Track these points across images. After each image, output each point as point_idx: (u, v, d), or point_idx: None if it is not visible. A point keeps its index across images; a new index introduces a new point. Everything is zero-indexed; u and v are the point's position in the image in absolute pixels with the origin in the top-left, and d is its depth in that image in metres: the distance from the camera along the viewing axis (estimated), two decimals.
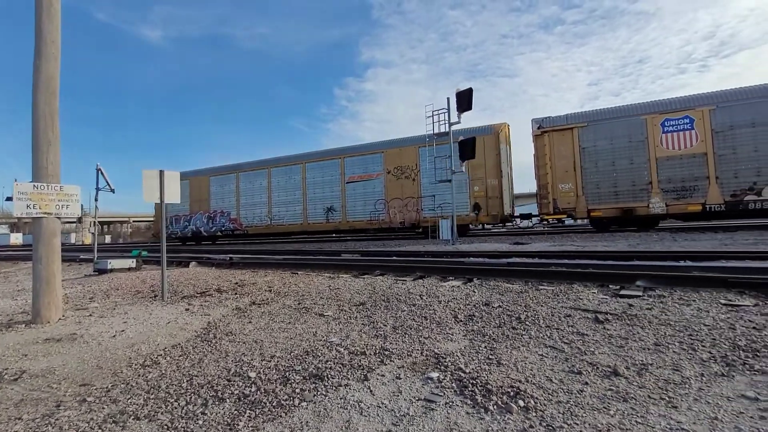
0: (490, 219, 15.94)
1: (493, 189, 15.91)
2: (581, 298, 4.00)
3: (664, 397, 1.96)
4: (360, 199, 18.59)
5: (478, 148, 15.79)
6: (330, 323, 3.73)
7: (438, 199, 16.63)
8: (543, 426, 1.76)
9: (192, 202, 23.57)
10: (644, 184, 13.14)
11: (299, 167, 20.38)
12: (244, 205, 21.84)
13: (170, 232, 23.70)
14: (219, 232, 22.53)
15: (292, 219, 20.38)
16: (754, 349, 2.46)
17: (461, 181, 15.91)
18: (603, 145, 13.72)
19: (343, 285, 5.56)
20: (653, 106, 13.25)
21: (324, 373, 2.49)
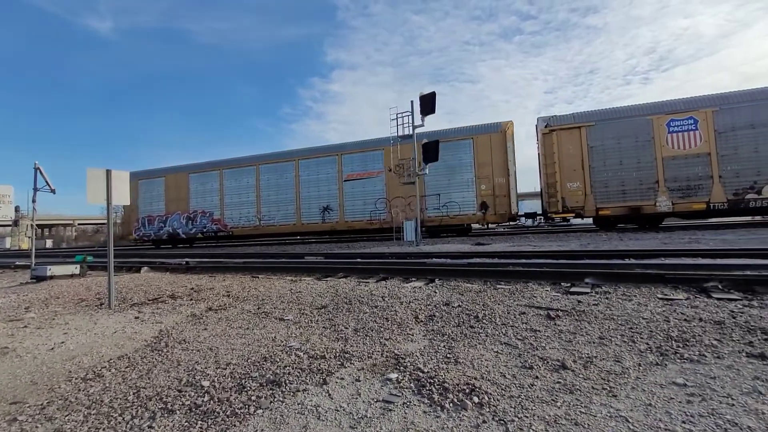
0: (498, 218, 15.67)
1: (501, 188, 15.52)
2: (535, 296, 4.19)
3: (606, 387, 2.09)
4: (359, 198, 17.60)
5: (485, 146, 15.87)
6: (290, 327, 3.66)
7: (443, 198, 16.20)
8: (495, 420, 1.83)
9: (168, 201, 21.68)
10: (651, 183, 13.35)
11: (292, 164, 19.09)
12: (229, 205, 20.30)
13: (142, 234, 21.96)
14: (200, 233, 20.82)
15: (284, 219, 19.12)
16: (684, 339, 2.68)
17: (468, 180, 15.72)
18: (611, 144, 13.82)
19: (305, 288, 5.48)
20: (659, 107, 13.59)
21: (282, 379, 2.44)
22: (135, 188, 22.48)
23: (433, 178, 16.13)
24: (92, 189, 4.95)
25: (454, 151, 16.12)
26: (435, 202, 16.41)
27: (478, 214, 15.75)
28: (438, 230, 16.52)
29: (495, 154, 15.61)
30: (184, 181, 21.49)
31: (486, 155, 15.35)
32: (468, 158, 15.98)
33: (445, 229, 16.53)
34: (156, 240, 22.10)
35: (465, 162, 15.99)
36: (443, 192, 16.19)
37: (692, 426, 1.69)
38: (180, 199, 21.44)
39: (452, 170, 16.19)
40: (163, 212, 21.81)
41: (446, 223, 16.29)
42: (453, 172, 16.18)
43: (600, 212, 14.01)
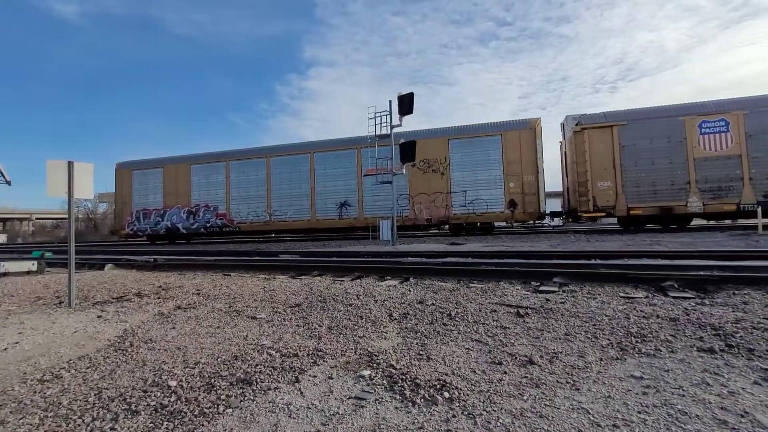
0: (527, 216, 15.28)
1: (530, 185, 15.12)
2: (506, 294, 4.31)
3: (569, 381, 2.18)
4: (380, 193, 16.49)
5: (514, 143, 15.38)
6: (263, 326, 3.61)
7: (470, 195, 15.66)
8: (464, 414, 1.87)
9: (166, 194, 20.09)
10: (683, 183, 13.37)
11: (306, 157, 17.99)
12: (236, 199, 18.96)
13: (137, 229, 20.35)
14: (203, 229, 19.39)
15: (297, 215, 18.02)
16: (643, 335, 2.83)
17: (496, 177, 15.38)
18: (643, 144, 13.73)
19: (279, 286, 5.40)
20: (691, 108, 13.65)
21: (253, 378, 2.40)
22: (128, 179, 21.12)
23: (460, 175, 15.77)
24: (52, 181, 4.69)
25: (482, 147, 15.71)
26: (461, 199, 15.81)
27: (506, 212, 15.33)
28: (463, 229, 16.02)
29: (524, 151, 15.21)
30: (186, 172, 19.92)
31: (515, 152, 15.04)
32: (496, 155, 15.55)
33: (470, 227, 16.03)
34: (152, 235, 20.50)
35: (493, 158, 15.58)
36: (470, 189, 15.69)
37: (647, 416, 1.79)
38: (180, 192, 19.89)
39: (480, 167, 15.72)
40: (160, 205, 20.19)
41: (472, 221, 15.79)
42: (480, 169, 15.71)
43: (631, 212, 13.85)
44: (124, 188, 21.13)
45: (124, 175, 21.23)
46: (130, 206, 20.82)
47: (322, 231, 18.64)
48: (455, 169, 15.90)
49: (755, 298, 3.66)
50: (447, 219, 15.94)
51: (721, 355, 2.45)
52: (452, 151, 16.00)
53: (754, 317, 3.10)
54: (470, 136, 15.50)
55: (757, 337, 2.69)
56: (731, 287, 4.07)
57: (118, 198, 21.45)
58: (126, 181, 21.12)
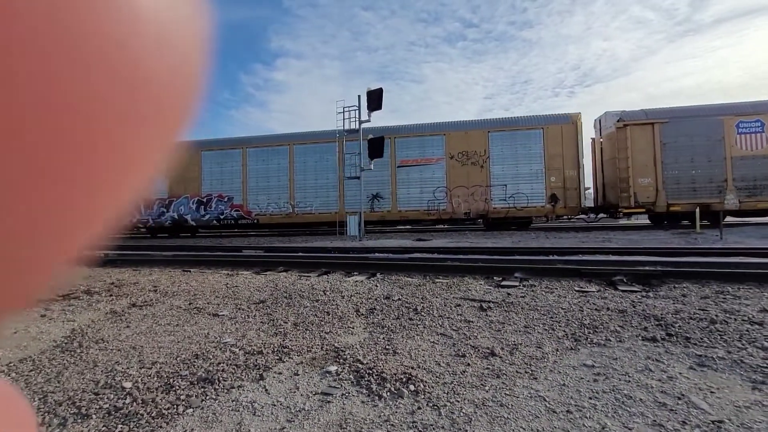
0: (568, 211, 15.19)
1: (572, 180, 14.93)
2: (470, 289, 4.44)
3: (528, 371, 2.29)
4: (415, 185, 15.91)
5: (556, 137, 14.90)
6: (225, 323, 3.50)
7: (510, 189, 15.30)
8: (429, 406, 1.92)
9: (173, 182, 17.79)
10: (720, 181, 13.69)
11: (334, 146, 16.51)
12: (254, 189, 17.34)
13: (136, 221, 18.01)
14: (215, 221, 17.67)
15: (323, 207, 16.74)
16: (594, 326, 3.02)
17: (537, 171, 15.13)
18: (683, 141, 13.89)
19: (243, 282, 5.26)
20: (729, 108, 14.00)
21: (215, 376, 2.33)
22: None
23: (500, 168, 15.43)
24: None
25: (523, 141, 15.40)
26: (501, 193, 15.41)
27: (548, 206, 15.07)
28: (502, 223, 15.72)
29: (566, 145, 15.00)
30: (195, 159, 17.90)
31: (557, 146, 14.86)
32: (538, 149, 15.26)
33: (509, 221, 15.71)
34: (154, 227, 18.37)
35: (534, 152, 15.30)
36: (510, 183, 15.33)
37: (596, 401, 1.92)
38: (189, 180, 17.78)
39: (521, 160, 15.42)
40: (165, 195, 17.97)
41: (513, 215, 15.47)
42: (521, 163, 15.41)
43: (671, 208, 14.03)
44: None
45: None
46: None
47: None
48: (495, 162, 15.53)
49: (692, 291, 4.00)
50: (487, 213, 15.55)
51: (662, 343, 2.66)
52: (492, 143, 15.57)
53: (691, 308, 3.39)
54: (511, 128, 15.25)
55: (693, 326, 2.94)
56: (672, 281, 4.43)
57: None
58: None
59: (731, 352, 2.47)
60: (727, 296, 3.77)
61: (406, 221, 16.73)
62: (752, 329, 2.83)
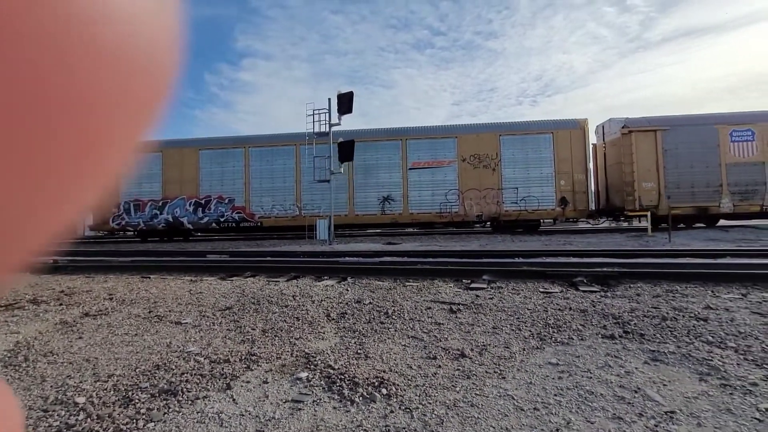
0: (578, 214, 15.62)
1: (580, 184, 15.38)
2: (440, 292, 4.50)
3: (497, 371, 2.35)
4: (427, 188, 15.81)
5: (565, 142, 15.29)
6: (189, 331, 3.35)
7: (522, 192, 15.55)
8: (402, 409, 1.92)
9: (167, 182, 16.87)
10: (716, 186, 14.63)
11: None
12: (258, 190, 16.58)
13: (125, 224, 16.82)
14: (214, 224, 16.73)
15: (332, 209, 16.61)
16: (558, 326, 3.15)
17: (548, 174, 15.47)
18: (683, 148, 14.72)
19: (207, 288, 5.06)
20: (724, 118, 15.02)
21: (178, 388, 2.23)
22: None
23: (511, 171, 15.66)
24: None
25: (534, 145, 15.72)
26: (512, 196, 15.62)
27: (558, 209, 15.42)
28: (513, 225, 15.97)
29: (575, 150, 15.42)
30: (193, 158, 16.99)
31: (566, 151, 15.28)
32: (548, 153, 15.61)
33: (519, 224, 15.95)
34: (146, 231, 17.17)
35: (545, 156, 15.64)
36: (521, 186, 15.56)
37: (561, 397, 1.99)
38: (186, 181, 16.85)
39: (531, 164, 15.71)
40: (158, 196, 16.91)
41: (524, 218, 15.73)
42: (532, 166, 15.69)
43: (672, 211, 14.56)
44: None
45: None
46: (117, 196, 16.87)
47: (361, 227, 17.35)
48: (506, 165, 15.75)
49: (646, 290, 4.26)
50: (498, 215, 15.72)
51: (620, 340, 2.81)
52: (503, 147, 15.78)
53: (645, 306, 3.61)
54: (522, 133, 15.60)
55: (647, 323, 3.13)
56: (628, 281, 4.70)
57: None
58: None
59: (680, 346, 2.65)
60: (676, 295, 4.05)
61: (418, 224, 16.66)
62: (698, 325, 3.05)
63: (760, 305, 3.56)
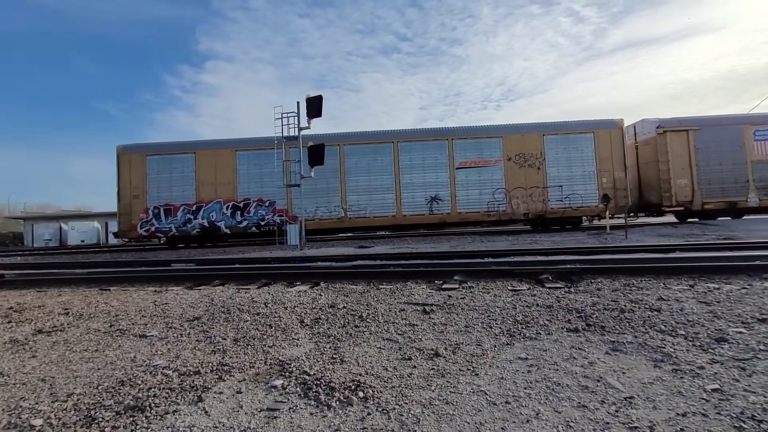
0: (619, 210, 16.17)
1: (620, 181, 16.15)
2: (413, 294, 4.56)
3: (470, 368, 2.42)
4: (474, 187, 16.12)
5: (605, 141, 16.06)
6: (155, 344, 3.22)
7: (566, 190, 16.10)
8: (379, 411, 1.94)
9: (201, 185, 16.19)
10: (743, 182, 15.87)
11: (389, 146, 16.31)
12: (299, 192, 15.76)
13: (156, 229, 16.03)
14: (255, 227, 16.06)
15: (379, 210, 16.13)
16: (526, 322, 3.28)
17: (590, 172, 16.10)
18: (712, 147, 15.81)
19: (173, 299, 4.87)
20: (747, 119, 16.35)
21: (145, 403, 2.13)
22: (140, 167, 16.15)
23: (555, 170, 16.16)
24: None
25: (576, 144, 16.32)
26: (558, 194, 16.16)
27: (600, 206, 15.97)
28: (557, 222, 16.51)
29: (614, 148, 16.20)
30: (229, 160, 16.28)
31: (606, 150, 16.00)
32: (589, 152, 16.27)
33: (564, 221, 16.52)
34: (177, 237, 16.35)
35: (586, 155, 16.28)
36: (566, 184, 16.14)
37: (531, 390, 2.08)
38: (221, 184, 16.13)
39: (574, 163, 16.29)
40: (192, 200, 16.17)
41: (569, 215, 16.33)
42: (575, 165, 16.29)
43: (705, 206, 15.88)
44: (134, 178, 16.28)
45: (133, 161, 16.32)
46: (145, 201, 16.21)
47: (408, 228, 17.35)
48: (550, 164, 16.29)
49: (606, 285, 4.51)
50: (544, 213, 16.21)
51: (583, 333, 2.97)
52: (547, 146, 16.32)
53: (605, 300, 3.83)
54: (564, 132, 16.17)
55: (607, 316, 3.32)
56: (589, 277, 4.95)
57: (124, 190, 16.30)
58: (137, 169, 16.27)
59: (637, 336, 2.83)
60: (632, 288, 4.31)
61: (466, 223, 16.94)
62: (652, 316, 3.27)
63: (706, 295, 3.87)
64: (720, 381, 2.08)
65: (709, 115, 17.51)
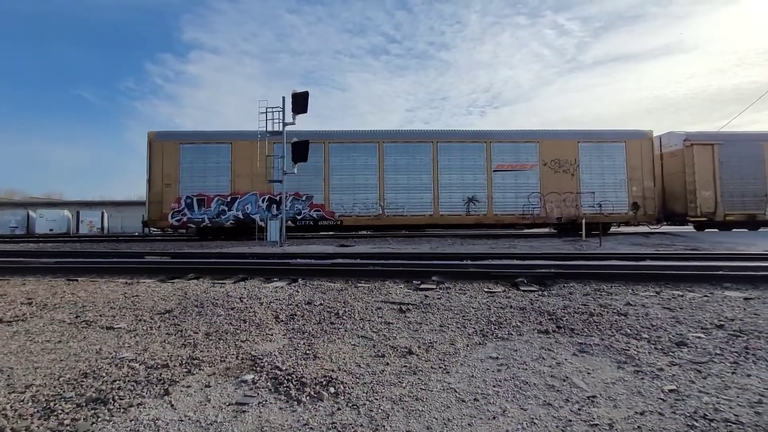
0: (648, 218, 16.74)
1: (649, 190, 16.62)
2: (391, 293, 4.58)
3: (441, 366, 2.45)
4: (510, 190, 16.41)
5: (636, 150, 16.61)
6: (122, 337, 3.13)
7: (598, 197, 16.54)
8: (349, 406, 1.95)
9: (237, 176, 15.81)
10: (762, 195, 16.52)
11: (428, 146, 16.42)
12: (338, 188, 16.05)
13: (187, 220, 15.52)
14: (290, 222, 15.68)
15: (416, 209, 16.23)
16: (500, 323, 3.34)
17: (621, 180, 16.56)
18: (735, 161, 16.38)
19: (145, 291, 4.74)
20: (766, 137, 17.14)
21: (109, 396, 2.07)
22: (173, 155, 15.63)
23: (588, 176, 16.60)
24: None
25: (609, 152, 16.73)
26: (590, 200, 16.55)
27: (630, 213, 16.51)
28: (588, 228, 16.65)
29: (644, 159, 16.69)
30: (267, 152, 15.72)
31: (637, 159, 16.50)
32: (621, 161, 16.69)
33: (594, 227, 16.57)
34: (209, 228, 15.82)
35: (618, 164, 16.70)
36: (598, 190, 16.55)
37: (499, 388, 2.13)
38: (257, 175, 15.61)
39: (606, 170, 16.69)
40: (227, 191, 15.79)
41: (600, 221, 16.34)
42: (607, 172, 16.68)
43: (726, 218, 16.36)
44: (166, 166, 15.74)
45: (166, 149, 15.77)
46: (177, 190, 15.68)
47: (445, 227, 17.52)
48: (584, 171, 16.69)
49: (577, 289, 4.64)
50: (577, 218, 16.38)
51: (553, 335, 3.05)
52: (582, 153, 16.71)
53: (576, 304, 3.94)
54: (597, 140, 16.65)
55: (577, 319, 3.42)
56: (562, 281, 5.08)
57: (155, 178, 15.71)
58: (170, 158, 15.74)
59: (604, 339, 2.93)
60: (602, 293, 4.46)
61: (501, 225, 17.19)
62: (619, 320, 3.39)
63: (670, 301, 4.03)
64: (677, 382, 2.17)
65: (732, 131, 18.62)
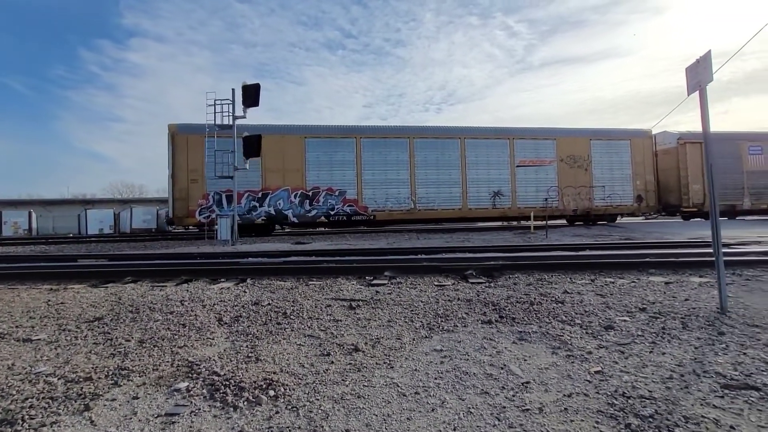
0: (650, 209, 18.57)
1: (650, 184, 18.38)
2: (342, 289, 4.54)
3: (386, 362, 2.45)
4: (532, 184, 17.52)
5: (639, 147, 18.28)
6: (41, 349, 2.84)
7: (608, 190, 18.00)
8: (288, 409, 1.89)
9: (268, 171, 15.37)
10: (740, 188, 18.65)
11: (456, 142, 17.04)
12: (370, 183, 16.14)
13: (216, 216, 14.27)
14: (324, 217, 15.68)
15: (446, 203, 16.76)
16: (446, 315, 3.42)
17: (627, 175, 18.18)
18: (718, 158, 17.06)
19: (72, 298, 4.35)
20: (743, 136, 19.30)
21: (18, 416, 1.87)
22: (198, 149, 14.72)
23: (599, 171, 18.04)
24: None
25: (616, 149, 18.28)
26: (601, 193, 17.97)
27: (635, 205, 18.24)
28: (597, 219, 18.48)
29: (646, 155, 18.46)
30: (297, 147, 15.78)
31: (640, 155, 18.20)
32: (626, 157, 18.28)
33: (605, 218, 18.56)
34: (241, 225, 14.44)
35: (624, 159, 18.25)
36: (608, 184, 17.99)
37: (440, 380, 2.17)
38: (289, 171, 15.56)
39: (615, 165, 18.19)
40: (257, 186, 15.29)
41: (609, 213, 18.29)
42: (615, 168, 18.18)
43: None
44: (191, 160, 14.87)
45: (191, 142, 14.79)
46: (203, 185, 14.88)
47: (473, 220, 18.36)
48: (596, 166, 18.08)
49: (521, 280, 4.86)
50: (590, 210, 18.02)
51: (495, 324, 3.17)
52: (593, 150, 18.09)
53: (519, 294, 4.12)
54: (607, 138, 18.16)
55: (519, 308, 3.58)
56: (509, 272, 5.31)
57: (179, 173, 14.75)
58: (195, 152, 14.83)
59: (542, 326, 3.08)
60: (544, 283, 4.70)
61: (522, 218, 18.12)
62: (557, 307, 3.59)
63: (603, 288, 4.34)
64: (602, 364, 2.33)
65: (718, 131, 20.65)
